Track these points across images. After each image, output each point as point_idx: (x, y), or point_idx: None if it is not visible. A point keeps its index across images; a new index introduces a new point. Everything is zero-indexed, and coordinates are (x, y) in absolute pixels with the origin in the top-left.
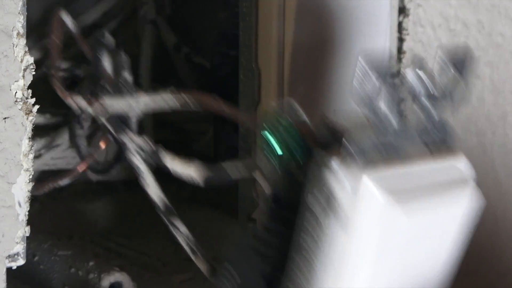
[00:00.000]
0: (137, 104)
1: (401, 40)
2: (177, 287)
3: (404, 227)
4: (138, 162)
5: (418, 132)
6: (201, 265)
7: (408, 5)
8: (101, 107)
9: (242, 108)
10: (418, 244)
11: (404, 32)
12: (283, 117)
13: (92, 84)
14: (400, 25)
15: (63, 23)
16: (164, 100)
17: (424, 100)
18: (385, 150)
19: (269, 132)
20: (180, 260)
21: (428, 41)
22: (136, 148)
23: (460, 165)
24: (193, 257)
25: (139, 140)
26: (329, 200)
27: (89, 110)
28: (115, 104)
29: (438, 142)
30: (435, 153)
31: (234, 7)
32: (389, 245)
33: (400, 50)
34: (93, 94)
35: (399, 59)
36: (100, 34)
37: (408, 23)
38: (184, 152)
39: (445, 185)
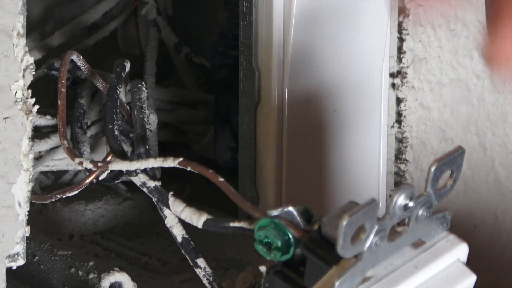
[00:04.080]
0: (144, 165)
1: (401, 40)
2: (177, 287)
3: None
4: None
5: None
6: None
7: (408, 5)
8: (107, 168)
9: (242, 108)
10: None
11: (404, 32)
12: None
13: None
14: (400, 25)
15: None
16: (169, 163)
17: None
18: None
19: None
20: (180, 260)
21: (428, 41)
22: (148, 193)
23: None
24: None
25: (152, 183)
26: None
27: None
28: (123, 167)
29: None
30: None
31: (234, 7)
32: None
33: (400, 50)
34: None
35: (399, 59)
36: (121, 66)
37: (408, 23)
38: (184, 153)
39: None
